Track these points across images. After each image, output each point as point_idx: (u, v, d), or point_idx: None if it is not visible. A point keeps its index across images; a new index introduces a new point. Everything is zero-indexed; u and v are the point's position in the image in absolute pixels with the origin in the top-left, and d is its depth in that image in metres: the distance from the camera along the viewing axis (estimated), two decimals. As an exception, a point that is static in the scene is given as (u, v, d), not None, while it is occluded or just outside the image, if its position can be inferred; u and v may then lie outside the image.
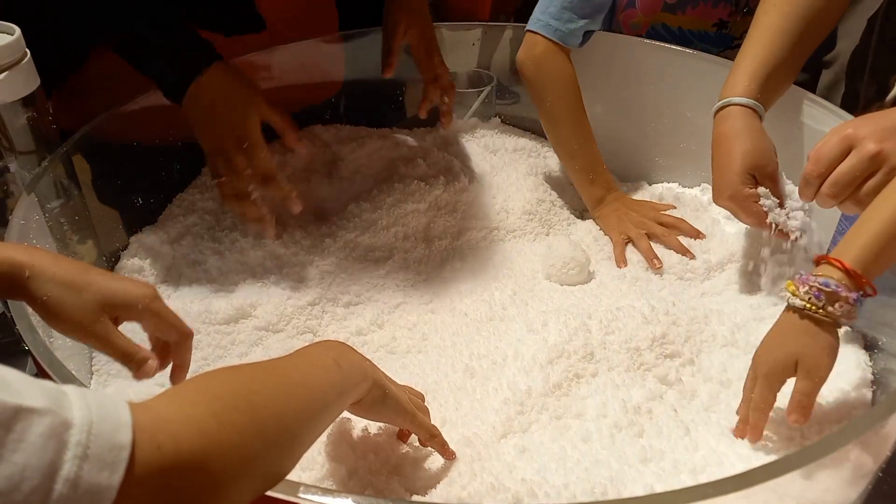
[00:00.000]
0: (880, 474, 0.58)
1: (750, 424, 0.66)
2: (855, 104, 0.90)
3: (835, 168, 0.72)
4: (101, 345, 0.56)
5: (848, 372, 0.73)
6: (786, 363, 0.63)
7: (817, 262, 0.64)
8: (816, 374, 0.62)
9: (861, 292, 0.62)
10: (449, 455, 0.64)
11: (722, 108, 0.85)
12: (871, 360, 0.75)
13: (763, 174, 0.82)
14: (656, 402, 0.75)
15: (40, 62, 0.79)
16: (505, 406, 0.72)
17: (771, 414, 0.66)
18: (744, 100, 0.83)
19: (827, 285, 0.61)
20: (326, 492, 0.44)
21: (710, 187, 0.86)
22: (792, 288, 0.63)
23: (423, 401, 0.69)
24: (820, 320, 0.62)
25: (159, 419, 0.36)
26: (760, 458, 0.67)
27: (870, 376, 0.73)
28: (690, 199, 1.05)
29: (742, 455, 0.67)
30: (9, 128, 0.80)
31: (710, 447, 0.69)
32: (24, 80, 0.78)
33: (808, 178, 0.74)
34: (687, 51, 1.04)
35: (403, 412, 0.61)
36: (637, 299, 0.86)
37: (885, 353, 0.74)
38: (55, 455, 0.31)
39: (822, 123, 0.89)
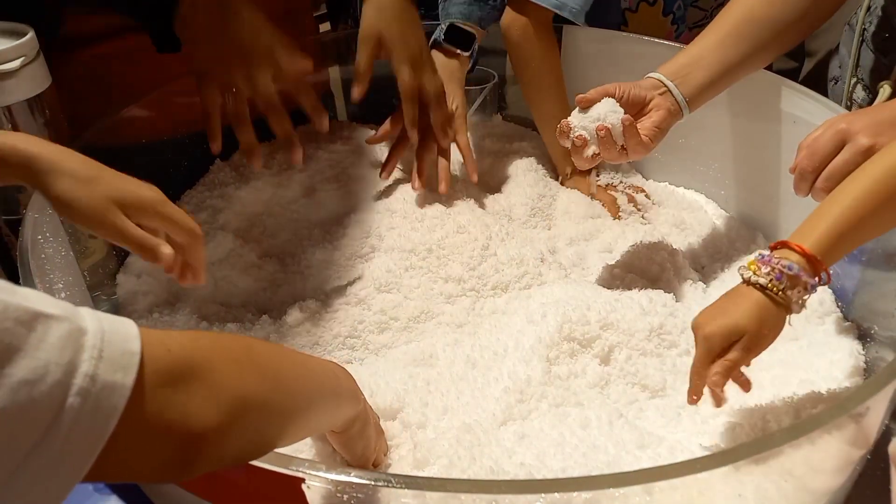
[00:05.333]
0: (869, 458, 0.60)
1: (692, 389, 0.65)
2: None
3: (829, 162, 0.73)
4: (117, 235, 0.59)
5: (841, 361, 0.75)
6: (731, 332, 0.62)
7: (774, 247, 0.64)
8: (756, 349, 0.61)
9: (818, 279, 0.62)
10: None
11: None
12: (863, 349, 0.77)
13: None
14: (654, 390, 0.76)
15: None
16: (505, 395, 0.74)
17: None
18: (661, 77, 0.85)
19: (790, 269, 0.61)
20: (329, 468, 0.46)
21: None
22: (753, 267, 0.63)
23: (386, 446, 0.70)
24: (777, 301, 0.61)
25: (168, 334, 0.40)
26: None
27: (862, 364, 0.75)
28: (682, 197, 1.07)
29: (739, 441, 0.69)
30: (21, 126, 0.82)
31: (707, 433, 0.71)
32: (37, 79, 0.80)
33: (804, 172, 0.75)
34: (677, 45, 1.05)
35: (367, 458, 0.63)
36: (636, 292, 0.88)
37: (877, 343, 0.76)
38: (74, 355, 0.33)
39: (807, 112, 0.91)
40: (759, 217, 1.01)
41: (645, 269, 0.94)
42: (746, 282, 0.63)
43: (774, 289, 0.61)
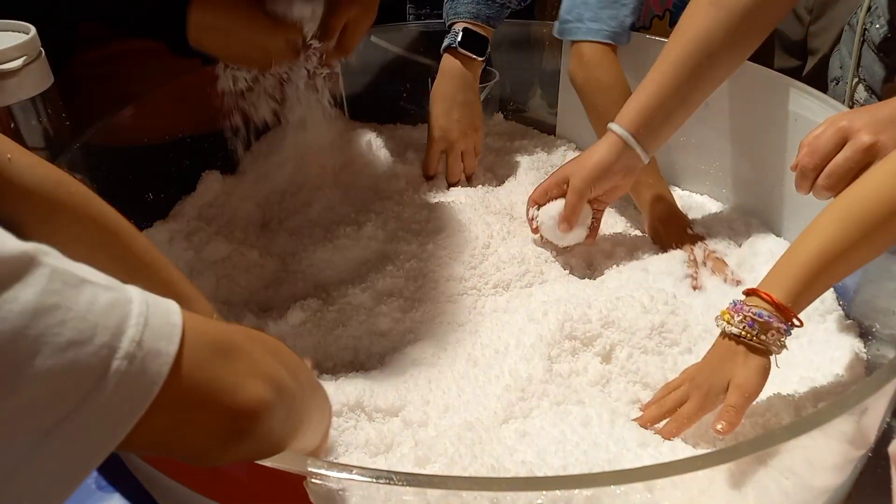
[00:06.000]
0: (870, 454, 0.60)
1: (667, 429, 0.69)
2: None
3: (830, 160, 0.73)
4: None
5: (842, 358, 0.75)
6: (721, 386, 0.66)
7: (748, 294, 0.66)
8: (746, 390, 0.64)
9: (790, 324, 0.64)
10: None
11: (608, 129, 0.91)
12: (865, 347, 0.77)
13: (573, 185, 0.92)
14: (655, 388, 0.76)
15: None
16: (506, 392, 0.74)
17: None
18: (624, 132, 0.89)
19: (760, 316, 0.64)
20: (332, 465, 0.46)
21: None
22: (727, 317, 0.66)
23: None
24: (754, 346, 0.65)
25: (208, 318, 0.41)
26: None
27: (864, 362, 0.75)
28: (683, 195, 1.07)
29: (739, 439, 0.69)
30: (22, 126, 0.82)
31: (708, 432, 0.71)
32: (38, 79, 0.80)
33: (805, 170, 0.75)
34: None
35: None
36: (637, 290, 0.88)
37: (879, 340, 0.76)
38: (120, 320, 0.34)
39: (808, 110, 0.91)
40: (760, 214, 1.01)
41: (646, 266, 0.94)
42: (723, 334, 0.67)
43: (748, 335, 0.65)
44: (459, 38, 1.02)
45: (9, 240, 0.31)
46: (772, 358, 0.66)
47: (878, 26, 0.94)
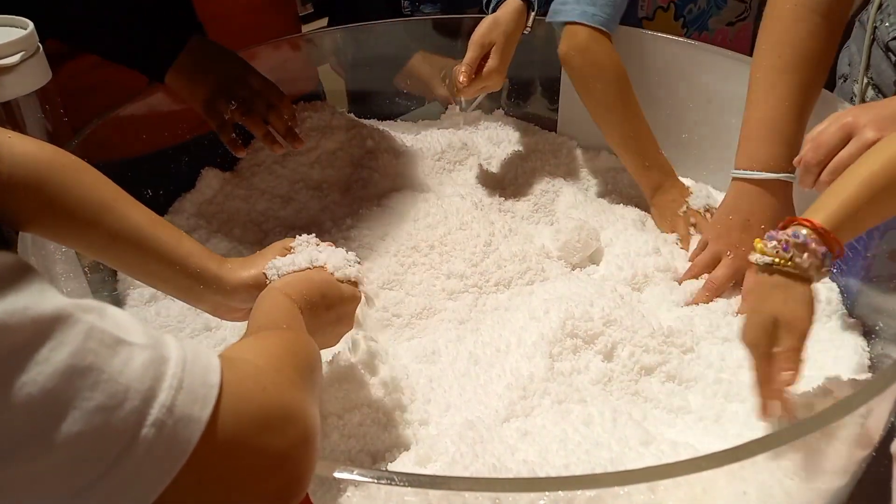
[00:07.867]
0: (873, 453, 0.59)
1: (762, 399, 0.64)
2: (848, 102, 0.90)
3: (834, 155, 0.73)
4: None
5: (846, 357, 0.75)
6: (765, 327, 0.60)
7: (785, 226, 0.62)
8: (797, 328, 0.60)
9: (829, 250, 0.60)
10: None
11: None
12: (868, 346, 0.76)
13: None
14: (658, 387, 0.76)
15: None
16: (508, 391, 0.73)
17: None
18: (788, 177, 0.83)
19: (796, 236, 0.59)
20: (333, 465, 0.46)
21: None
22: (759, 245, 0.61)
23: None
24: (789, 274, 0.60)
25: (260, 370, 0.40)
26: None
27: (867, 361, 0.75)
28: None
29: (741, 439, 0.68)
30: (20, 121, 0.82)
31: (710, 431, 0.71)
32: (38, 73, 0.80)
33: (808, 165, 0.75)
34: (691, 42, 1.05)
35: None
36: (639, 287, 0.87)
37: (882, 339, 0.75)
38: (154, 382, 0.33)
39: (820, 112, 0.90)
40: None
41: (648, 264, 0.94)
42: (758, 267, 0.62)
43: (782, 261, 0.60)
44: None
45: (47, 298, 0.31)
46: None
47: (888, 24, 0.93)
